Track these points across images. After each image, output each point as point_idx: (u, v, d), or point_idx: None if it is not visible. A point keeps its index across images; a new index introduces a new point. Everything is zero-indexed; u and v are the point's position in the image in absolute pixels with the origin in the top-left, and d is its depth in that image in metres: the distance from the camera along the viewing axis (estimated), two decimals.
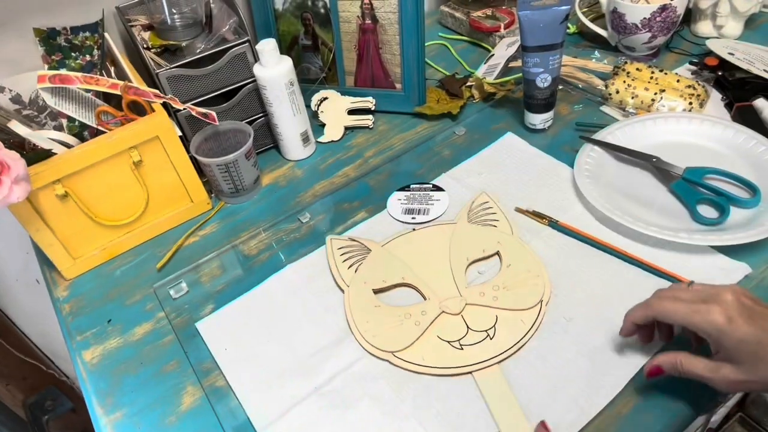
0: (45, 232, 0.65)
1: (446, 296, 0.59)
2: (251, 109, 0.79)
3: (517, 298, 0.58)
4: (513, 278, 0.60)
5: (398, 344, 0.55)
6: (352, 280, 0.62)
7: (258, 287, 0.64)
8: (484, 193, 0.70)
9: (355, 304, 0.60)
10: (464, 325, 0.56)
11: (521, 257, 0.62)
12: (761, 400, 1.07)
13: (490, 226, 0.66)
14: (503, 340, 0.55)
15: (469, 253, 0.63)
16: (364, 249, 0.65)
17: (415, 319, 0.57)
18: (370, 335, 0.57)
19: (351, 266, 0.64)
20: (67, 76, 0.65)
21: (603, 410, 0.49)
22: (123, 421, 0.55)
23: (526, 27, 0.70)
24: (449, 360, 0.54)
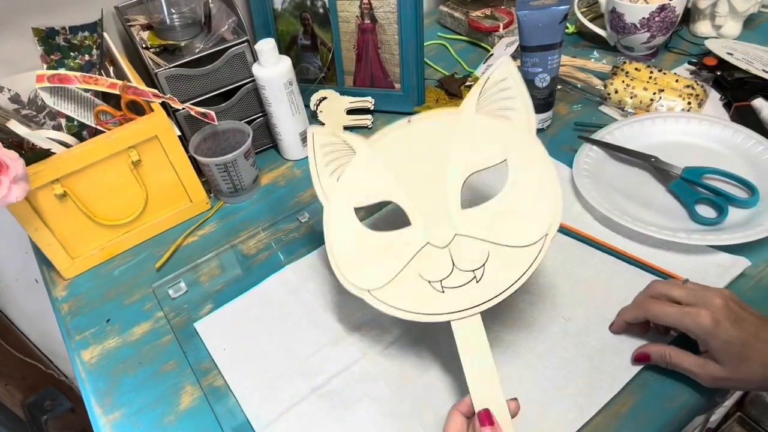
0: (44, 231, 0.65)
1: (434, 222, 0.50)
2: (250, 109, 0.79)
3: (517, 229, 0.49)
4: (517, 200, 0.50)
5: (374, 281, 0.50)
6: (333, 192, 0.54)
7: (257, 287, 0.64)
8: (504, 62, 0.52)
9: (333, 224, 0.53)
10: (450, 262, 0.49)
11: (533, 169, 0.50)
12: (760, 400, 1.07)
13: (503, 119, 0.52)
14: (490, 284, 0.48)
15: (469, 162, 0.52)
16: (348, 150, 0.55)
17: (395, 250, 0.50)
18: (346, 268, 0.52)
19: (333, 172, 0.55)
20: (66, 75, 0.65)
21: (602, 409, 0.49)
22: (122, 420, 0.55)
23: (525, 27, 0.70)
24: (427, 304, 0.49)
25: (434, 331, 0.57)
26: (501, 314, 0.57)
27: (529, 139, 0.51)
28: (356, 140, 0.54)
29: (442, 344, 0.56)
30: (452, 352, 0.55)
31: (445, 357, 0.55)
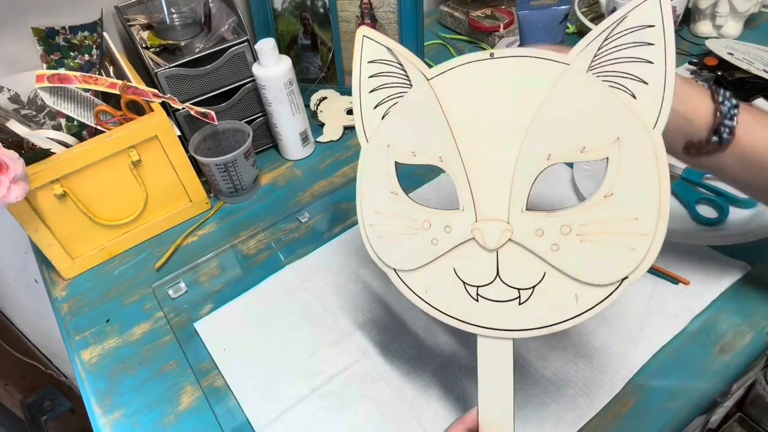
0: (43, 231, 0.65)
1: (489, 214, 0.40)
2: (250, 109, 0.79)
3: (590, 259, 0.37)
4: (604, 221, 0.37)
5: (403, 261, 0.43)
6: (374, 134, 0.43)
7: (257, 287, 0.64)
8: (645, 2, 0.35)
9: (368, 175, 0.44)
10: (494, 269, 0.40)
11: (640, 185, 0.36)
12: (760, 400, 1.07)
13: (625, 93, 0.36)
14: (533, 313, 0.39)
15: (559, 144, 0.37)
16: (403, 79, 0.42)
17: (434, 233, 0.41)
18: (374, 234, 0.44)
19: (380, 104, 0.43)
20: (65, 75, 0.65)
21: (602, 410, 0.49)
22: (121, 421, 0.55)
23: (525, 27, 0.70)
24: (456, 307, 0.41)
25: (434, 332, 0.57)
26: None
27: (650, 135, 0.36)
28: (417, 68, 0.41)
29: (443, 345, 0.55)
30: (453, 352, 0.55)
31: (445, 357, 0.55)
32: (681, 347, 0.53)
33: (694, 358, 0.52)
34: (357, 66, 0.43)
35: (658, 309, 0.55)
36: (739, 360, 0.51)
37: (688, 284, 0.57)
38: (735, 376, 0.51)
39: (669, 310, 0.55)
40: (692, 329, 0.54)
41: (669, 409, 0.49)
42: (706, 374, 0.50)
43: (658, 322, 0.54)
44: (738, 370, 0.51)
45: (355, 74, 0.43)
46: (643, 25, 0.35)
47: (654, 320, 0.54)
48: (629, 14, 0.35)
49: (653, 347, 0.52)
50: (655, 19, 0.35)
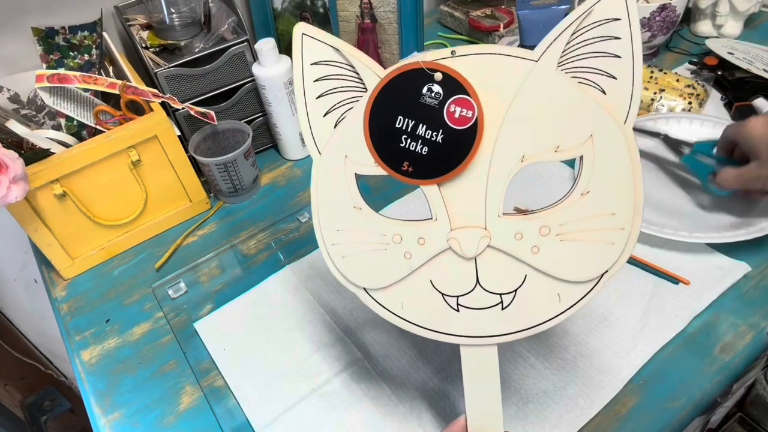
0: (43, 231, 0.65)
1: (464, 221, 0.38)
2: (250, 109, 0.79)
3: (571, 257, 0.37)
4: (582, 219, 0.37)
5: (373, 280, 0.40)
6: (328, 145, 0.39)
7: (257, 287, 0.64)
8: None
9: (324, 191, 0.41)
10: (473, 277, 0.39)
11: (615, 180, 0.36)
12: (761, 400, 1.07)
13: (595, 89, 0.35)
14: (517, 315, 0.39)
15: (531, 145, 0.36)
16: (356, 82, 0.38)
17: (406, 247, 0.39)
18: (337, 254, 0.41)
19: (331, 111, 0.39)
20: (65, 75, 0.65)
21: (602, 410, 0.49)
22: (121, 421, 0.55)
23: (526, 26, 0.70)
24: (436, 319, 0.40)
25: None
26: None
27: (622, 130, 0.36)
28: (370, 69, 0.37)
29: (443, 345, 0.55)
30: (453, 352, 0.55)
31: (445, 357, 0.55)
32: (681, 347, 0.53)
33: (694, 358, 0.52)
34: (298, 69, 0.38)
35: (658, 309, 0.55)
36: (739, 360, 0.51)
37: (688, 284, 0.57)
38: (735, 376, 0.51)
39: (669, 310, 0.55)
40: (692, 329, 0.54)
41: (669, 409, 0.49)
42: (706, 374, 0.50)
43: (658, 322, 0.54)
44: (738, 370, 0.51)
45: (297, 79, 0.38)
46: (608, 18, 0.34)
47: (654, 320, 0.54)
48: (594, 7, 0.34)
49: (653, 347, 0.52)
50: (621, 12, 0.34)
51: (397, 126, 0.37)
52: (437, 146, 0.37)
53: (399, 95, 0.37)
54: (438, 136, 0.37)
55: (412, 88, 0.36)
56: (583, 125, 0.36)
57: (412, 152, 0.37)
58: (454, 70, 0.35)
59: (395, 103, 0.37)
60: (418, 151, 0.37)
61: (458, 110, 0.36)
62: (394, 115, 0.37)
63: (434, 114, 0.36)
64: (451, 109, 0.36)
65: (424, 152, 0.37)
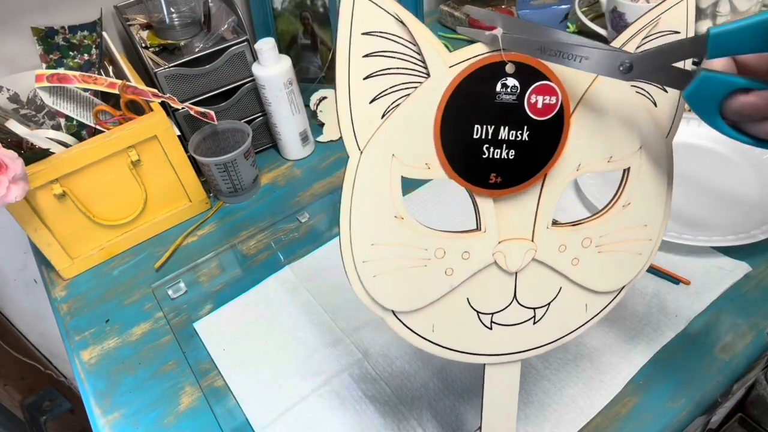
0: (43, 231, 0.65)
1: (512, 233, 0.35)
2: (250, 109, 0.79)
3: (603, 270, 0.37)
4: (619, 231, 0.37)
5: (407, 301, 0.36)
6: (372, 140, 0.32)
7: (257, 287, 0.64)
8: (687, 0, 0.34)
9: (363, 198, 0.33)
10: (511, 292, 0.37)
11: (652, 193, 0.37)
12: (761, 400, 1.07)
13: (648, 101, 0.35)
14: (547, 328, 0.38)
15: (586, 152, 0.34)
16: (415, 64, 0.31)
17: (449, 262, 0.35)
18: (368, 273, 0.34)
19: (378, 98, 0.31)
20: (65, 75, 0.65)
21: (602, 410, 0.49)
22: (121, 421, 0.55)
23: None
24: (467, 341, 0.37)
25: None
26: None
27: (665, 144, 0.36)
28: (436, 50, 0.31)
29: None
30: None
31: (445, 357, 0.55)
32: (681, 347, 0.53)
33: (694, 358, 0.52)
34: (345, 38, 0.30)
35: (658, 309, 0.55)
36: (739, 360, 0.51)
37: (688, 284, 0.57)
38: (735, 377, 0.51)
39: (669, 310, 0.55)
40: (692, 329, 0.54)
41: (669, 409, 0.49)
42: (707, 374, 0.50)
43: (658, 322, 0.54)
44: (738, 371, 0.51)
45: (341, 50, 0.30)
46: (671, 30, 0.34)
47: (654, 320, 0.54)
48: (662, 16, 0.33)
49: (653, 347, 0.52)
50: (682, 26, 0.34)
51: (476, 137, 0.32)
52: (525, 146, 0.33)
53: (471, 99, 0.31)
54: (523, 134, 0.32)
55: (484, 89, 0.31)
56: (635, 136, 0.35)
57: (498, 160, 0.33)
58: (526, 56, 0.31)
59: (468, 109, 0.32)
60: (504, 158, 0.33)
61: (540, 99, 0.32)
62: (469, 125, 0.32)
63: (515, 111, 0.32)
64: (532, 100, 0.32)
65: (512, 156, 0.33)
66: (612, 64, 0.30)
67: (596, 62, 0.30)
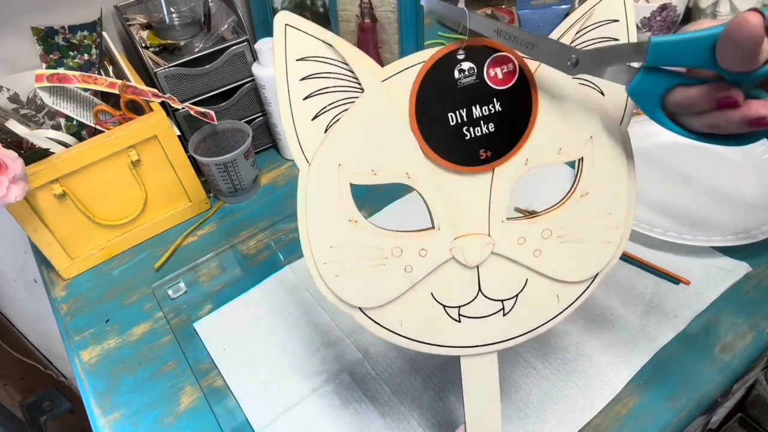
0: (43, 231, 0.65)
1: (467, 229, 0.37)
2: (250, 109, 0.79)
3: (570, 260, 0.38)
4: (582, 220, 0.37)
5: (371, 298, 0.38)
6: (318, 153, 0.35)
7: (257, 287, 0.64)
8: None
9: (314, 204, 0.35)
10: (475, 286, 0.38)
11: (612, 181, 0.37)
12: (761, 400, 1.07)
13: (594, 90, 0.36)
14: (519, 319, 0.39)
15: (536, 148, 0.36)
16: (350, 81, 0.34)
17: (406, 260, 0.37)
18: (330, 274, 0.37)
19: (320, 114, 0.34)
20: (65, 75, 0.65)
21: (602, 410, 0.49)
22: (121, 421, 0.55)
23: (526, 26, 0.70)
24: (437, 333, 0.39)
25: None
26: None
27: (619, 132, 0.37)
28: (366, 67, 0.33)
29: None
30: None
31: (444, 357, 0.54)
32: (681, 347, 0.53)
33: (694, 358, 0.52)
34: (281, 66, 0.33)
35: (658, 309, 0.55)
36: (739, 360, 0.51)
37: (688, 284, 0.57)
38: (735, 377, 0.51)
39: (669, 310, 0.55)
40: (692, 329, 0.54)
41: (669, 409, 0.49)
42: (707, 374, 0.50)
43: (658, 322, 0.54)
44: (738, 371, 0.51)
45: (280, 77, 0.33)
46: (608, 19, 0.35)
47: (654, 320, 0.54)
48: (595, 8, 0.35)
49: (654, 347, 0.52)
50: (620, 14, 0.35)
51: (452, 124, 0.34)
52: (501, 116, 0.35)
53: (436, 93, 0.34)
54: (495, 106, 0.35)
55: (444, 80, 0.34)
56: (583, 126, 0.36)
57: (481, 137, 0.35)
58: (472, 39, 0.33)
59: (436, 103, 0.34)
60: (486, 132, 0.35)
61: (498, 71, 0.34)
62: (443, 116, 0.34)
63: (479, 89, 0.34)
64: (491, 73, 0.34)
65: (492, 129, 0.35)
66: (561, 58, 0.32)
67: (546, 53, 0.32)
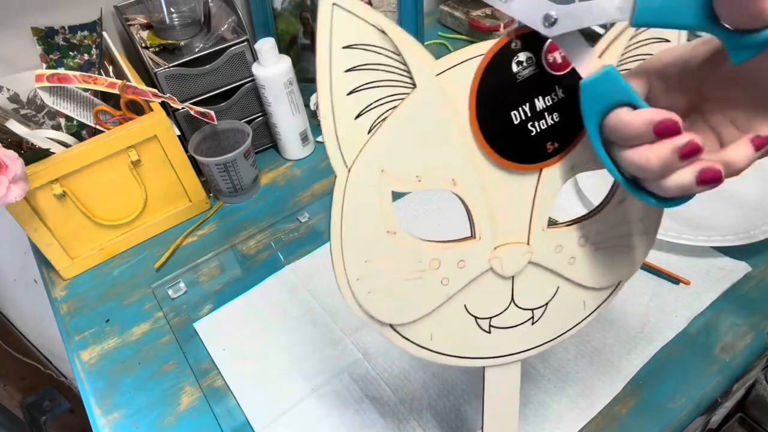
0: (43, 231, 0.65)
1: (507, 238, 0.35)
2: (250, 109, 0.79)
3: (600, 266, 0.37)
4: (615, 227, 0.37)
5: (404, 314, 0.35)
6: (360, 156, 0.31)
7: (257, 287, 0.64)
8: None
9: (353, 217, 0.32)
10: (509, 295, 0.36)
11: None
12: (761, 400, 1.07)
13: None
14: (546, 327, 0.38)
15: (578, 152, 0.34)
16: (401, 74, 0.29)
17: (444, 272, 0.34)
18: (363, 290, 0.35)
19: (363, 113, 0.30)
20: (65, 75, 0.65)
21: (602, 410, 0.49)
22: (121, 421, 0.55)
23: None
24: (466, 346, 0.37)
25: None
26: None
27: None
28: (421, 58, 0.29)
29: None
30: None
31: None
32: (681, 347, 0.53)
33: (694, 358, 0.52)
34: (325, 53, 0.28)
35: (658, 309, 0.55)
36: (739, 360, 0.51)
37: (688, 284, 0.57)
38: (735, 377, 0.51)
39: (669, 310, 0.55)
40: (692, 329, 0.54)
41: (669, 409, 0.49)
42: (707, 374, 0.50)
43: (658, 322, 0.54)
44: (738, 371, 0.51)
45: (322, 67, 0.28)
46: (661, 38, 0.33)
47: (654, 320, 0.54)
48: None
49: (654, 347, 0.52)
50: (673, 35, 0.33)
51: (516, 123, 0.31)
52: (564, 103, 0.32)
53: (495, 94, 0.31)
54: (558, 93, 0.32)
55: (503, 77, 0.30)
56: None
57: (546, 129, 0.32)
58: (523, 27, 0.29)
59: (497, 104, 0.31)
60: (551, 123, 0.32)
61: (557, 55, 0.31)
62: (506, 116, 0.31)
63: (540, 79, 0.31)
64: (550, 59, 0.31)
65: (557, 119, 0.32)
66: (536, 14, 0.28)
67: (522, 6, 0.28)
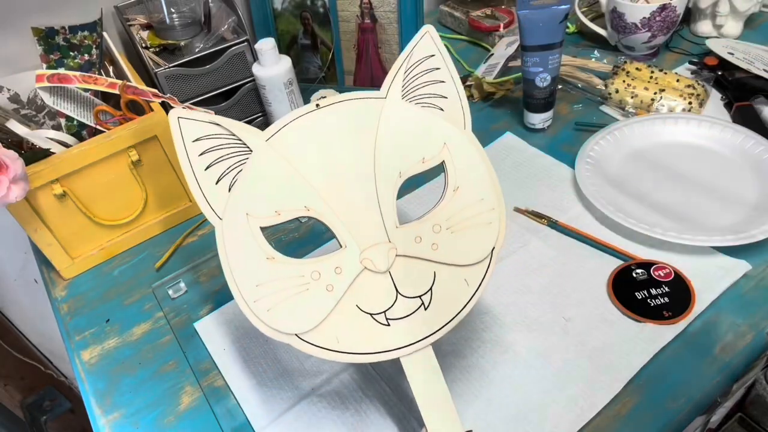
0: (43, 231, 0.65)
1: (370, 241, 0.43)
2: (250, 109, 0.79)
3: (464, 245, 0.44)
4: (461, 211, 0.44)
5: (303, 322, 0.42)
6: (227, 209, 0.42)
7: None
8: (428, 34, 0.46)
9: (234, 252, 0.42)
10: (392, 289, 0.43)
11: (474, 173, 0.45)
12: (761, 400, 1.07)
13: (435, 109, 0.46)
14: (440, 310, 0.43)
15: (402, 163, 0.44)
16: (239, 146, 0.42)
17: (326, 280, 0.42)
18: (262, 309, 0.42)
19: (221, 178, 0.42)
20: (65, 75, 0.65)
21: (602, 410, 0.49)
22: (121, 421, 0.55)
23: (526, 26, 0.70)
24: (371, 341, 0.42)
25: None
26: (500, 315, 0.57)
27: (465, 134, 0.45)
28: (249, 133, 0.42)
29: (442, 344, 0.55)
30: (452, 350, 0.55)
31: (444, 356, 0.55)
32: (681, 347, 0.53)
33: (694, 358, 0.52)
34: (181, 150, 0.42)
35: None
36: (739, 360, 0.51)
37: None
38: (735, 377, 0.51)
39: None
40: (692, 329, 0.54)
41: (669, 409, 0.49)
42: (706, 374, 0.50)
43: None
44: (738, 371, 0.51)
45: (182, 158, 0.42)
46: (426, 55, 0.45)
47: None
48: (413, 51, 0.45)
49: (653, 347, 0.52)
50: (433, 49, 0.45)
51: None
52: None
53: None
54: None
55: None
56: (436, 137, 0.45)
57: None
58: None
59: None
60: None
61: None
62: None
63: None
64: None
65: None
66: None
67: None
